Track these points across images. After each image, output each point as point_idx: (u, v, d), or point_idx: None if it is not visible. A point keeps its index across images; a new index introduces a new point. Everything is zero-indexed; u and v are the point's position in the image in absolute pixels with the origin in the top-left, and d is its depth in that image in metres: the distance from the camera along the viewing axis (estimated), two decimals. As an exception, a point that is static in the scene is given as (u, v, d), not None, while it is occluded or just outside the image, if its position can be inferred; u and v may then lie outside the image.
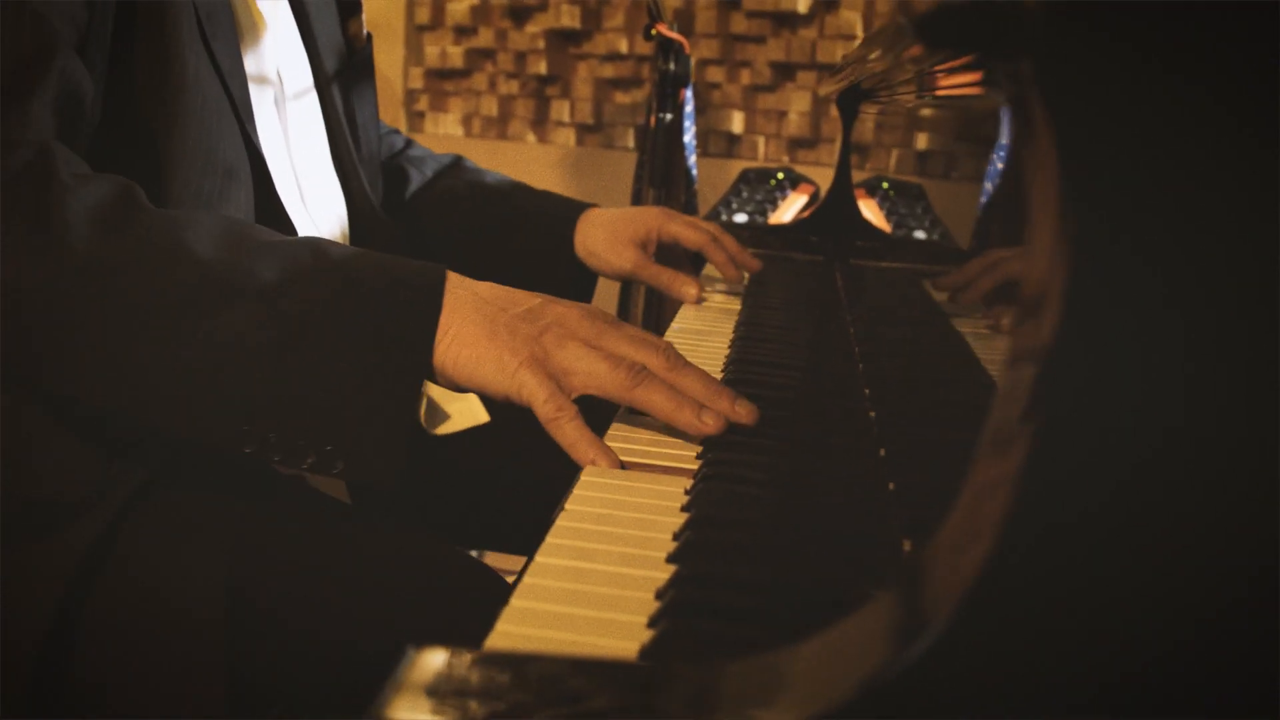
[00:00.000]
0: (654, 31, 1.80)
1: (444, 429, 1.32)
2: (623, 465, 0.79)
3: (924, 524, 0.66)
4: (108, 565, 0.88)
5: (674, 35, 1.80)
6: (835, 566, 0.62)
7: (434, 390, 1.32)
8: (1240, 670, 0.38)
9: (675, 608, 0.55)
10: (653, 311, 1.91)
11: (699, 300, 1.36)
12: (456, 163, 1.53)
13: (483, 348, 0.82)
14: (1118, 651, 0.39)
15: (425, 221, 1.46)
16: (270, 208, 1.07)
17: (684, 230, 1.35)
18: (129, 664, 0.87)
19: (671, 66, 1.84)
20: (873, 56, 1.07)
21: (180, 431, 0.85)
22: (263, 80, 1.13)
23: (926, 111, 1.27)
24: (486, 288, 0.87)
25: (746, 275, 1.49)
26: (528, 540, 0.66)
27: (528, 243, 1.41)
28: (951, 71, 0.80)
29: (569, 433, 0.80)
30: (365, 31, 1.36)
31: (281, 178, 1.12)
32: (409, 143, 1.55)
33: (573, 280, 1.40)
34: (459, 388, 0.85)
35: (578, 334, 0.84)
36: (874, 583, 0.59)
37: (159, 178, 0.97)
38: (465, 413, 1.33)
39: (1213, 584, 0.38)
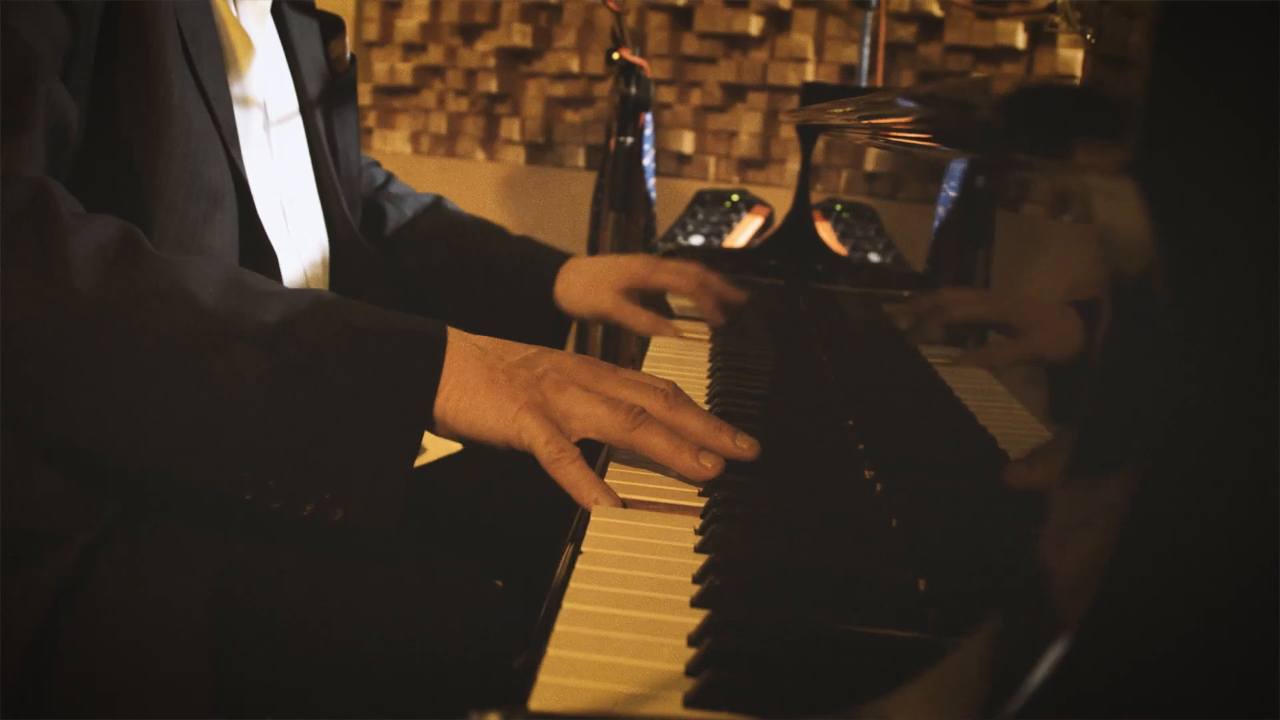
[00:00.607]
0: (616, 55, 1.80)
1: (419, 461, 1.32)
2: (624, 504, 0.79)
3: (930, 561, 0.68)
4: (89, 584, 0.87)
5: (636, 59, 1.81)
6: (858, 606, 0.63)
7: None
8: (1240, 670, 0.39)
9: (713, 656, 0.55)
10: (610, 342, 1.91)
11: (679, 335, 1.36)
12: (436, 203, 1.52)
13: (482, 395, 0.83)
14: (1118, 651, 0.39)
15: (403, 260, 1.44)
16: (253, 232, 1.06)
17: (672, 278, 1.36)
18: (113, 678, 0.86)
19: (633, 90, 1.85)
20: (874, 118, 1.08)
21: (178, 476, 0.84)
22: (248, 104, 1.12)
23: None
24: (484, 340, 0.87)
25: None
26: (511, 560, 0.66)
27: (506, 287, 1.41)
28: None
29: (571, 474, 0.80)
30: (349, 54, 1.36)
31: (265, 202, 1.11)
32: (390, 178, 1.54)
33: (548, 327, 1.40)
34: (459, 437, 0.85)
35: (576, 379, 0.85)
36: (899, 622, 0.60)
37: (143, 202, 0.96)
38: (437, 441, 1.32)
39: (1213, 584, 0.39)
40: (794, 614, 0.61)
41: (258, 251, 1.06)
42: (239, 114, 1.08)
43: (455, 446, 1.31)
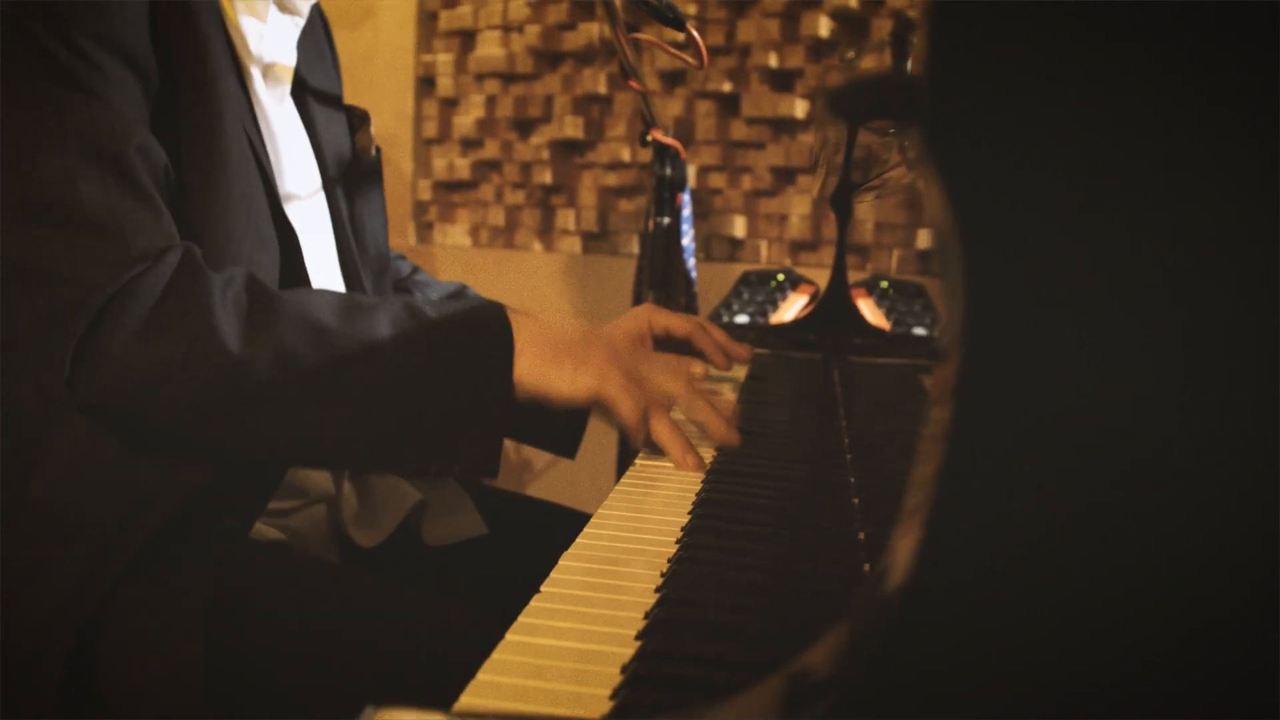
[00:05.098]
0: (649, 137, 1.84)
1: (444, 539, 1.34)
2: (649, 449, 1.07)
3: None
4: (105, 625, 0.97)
5: (669, 140, 1.84)
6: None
7: (435, 501, 1.33)
8: (1240, 670, 0.39)
9: (637, 680, 0.56)
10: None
11: (705, 375, 1.37)
12: (460, 291, 1.58)
13: (550, 365, 1.03)
14: (1117, 652, 0.39)
15: None
16: (296, 272, 1.15)
17: (672, 320, 1.38)
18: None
19: (668, 171, 1.87)
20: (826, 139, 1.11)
21: (331, 465, 1.14)
22: (280, 182, 1.18)
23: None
24: (546, 320, 1.08)
25: (743, 371, 1.50)
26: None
27: None
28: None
29: (625, 403, 1.02)
30: (374, 146, 1.41)
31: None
32: (415, 269, 1.60)
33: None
34: (534, 397, 1.04)
35: (618, 360, 1.05)
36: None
37: (198, 232, 1.05)
38: (464, 524, 1.34)
39: (1213, 584, 0.39)
40: (725, 652, 0.62)
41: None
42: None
43: (482, 529, 1.34)
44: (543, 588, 0.71)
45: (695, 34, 1.38)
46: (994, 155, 0.38)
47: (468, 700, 0.55)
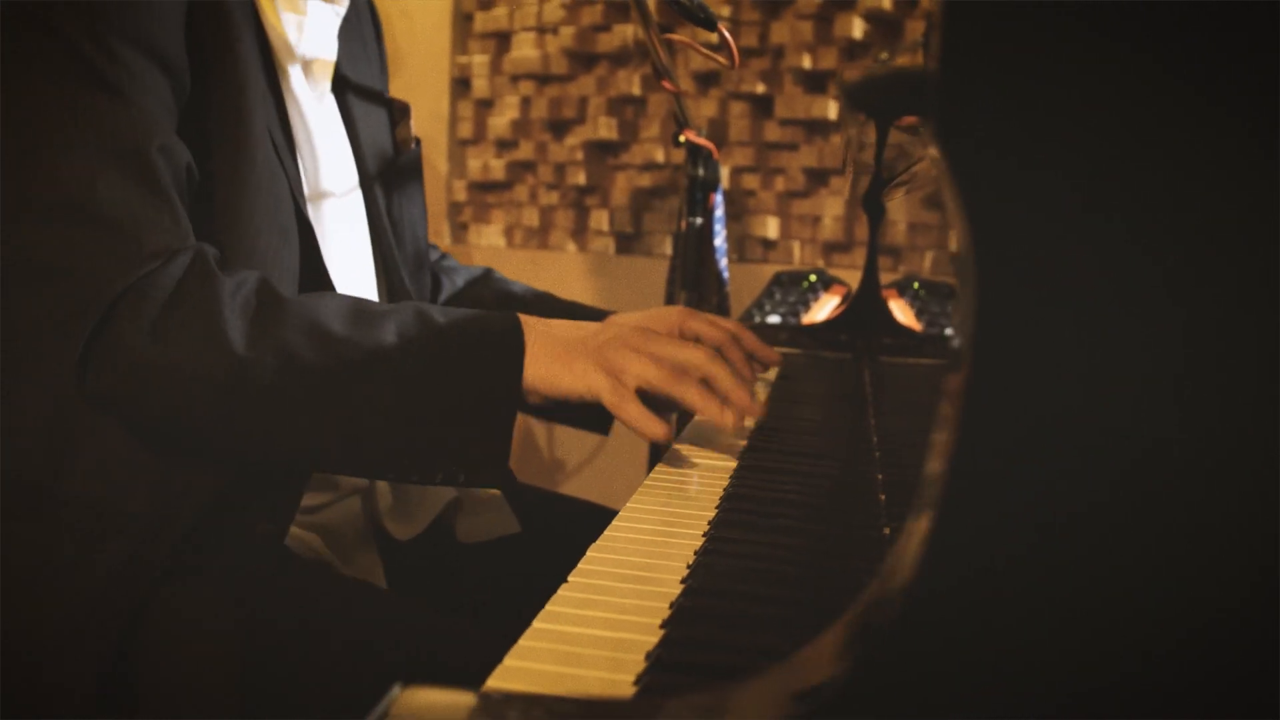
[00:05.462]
0: (682, 138, 1.84)
1: (477, 537, 1.35)
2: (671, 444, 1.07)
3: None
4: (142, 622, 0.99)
5: (701, 141, 1.85)
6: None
7: (468, 500, 1.35)
8: (1240, 670, 0.39)
9: (661, 664, 0.57)
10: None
11: None
12: (487, 274, 1.59)
13: (559, 365, 1.03)
14: (1117, 652, 0.40)
15: None
16: (317, 278, 1.16)
17: (704, 328, 1.38)
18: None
19: (700, 172, 1.88)
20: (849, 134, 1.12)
21: (335, 470, 1.12)
22: (311, 178, 1.20)
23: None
24: (554, 322, 1.08)
25: (773, 370, 1.51)
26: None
27: None
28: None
29: (631, 412, 1.01)
30: (415, 138, 1.42)
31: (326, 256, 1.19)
32: (444, 255, 1.61)
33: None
34: (545, 399, 1.04)
35: (630, 343, 1.04)
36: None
37: (220, 228, 1.07)
38: (497, 522, 1.35)
39: (1213, 585, 0.39)
40: (749, 641, 0.63)
41: (321, 286, 1.15)
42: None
43: (514, 527, 1.35)
44: (570, 578, 0.72)
45: (727, 34, 1.39)
46: (998, 156, 0.39)
47: (494, 684, 0.56)
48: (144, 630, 0.97)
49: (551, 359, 1.03)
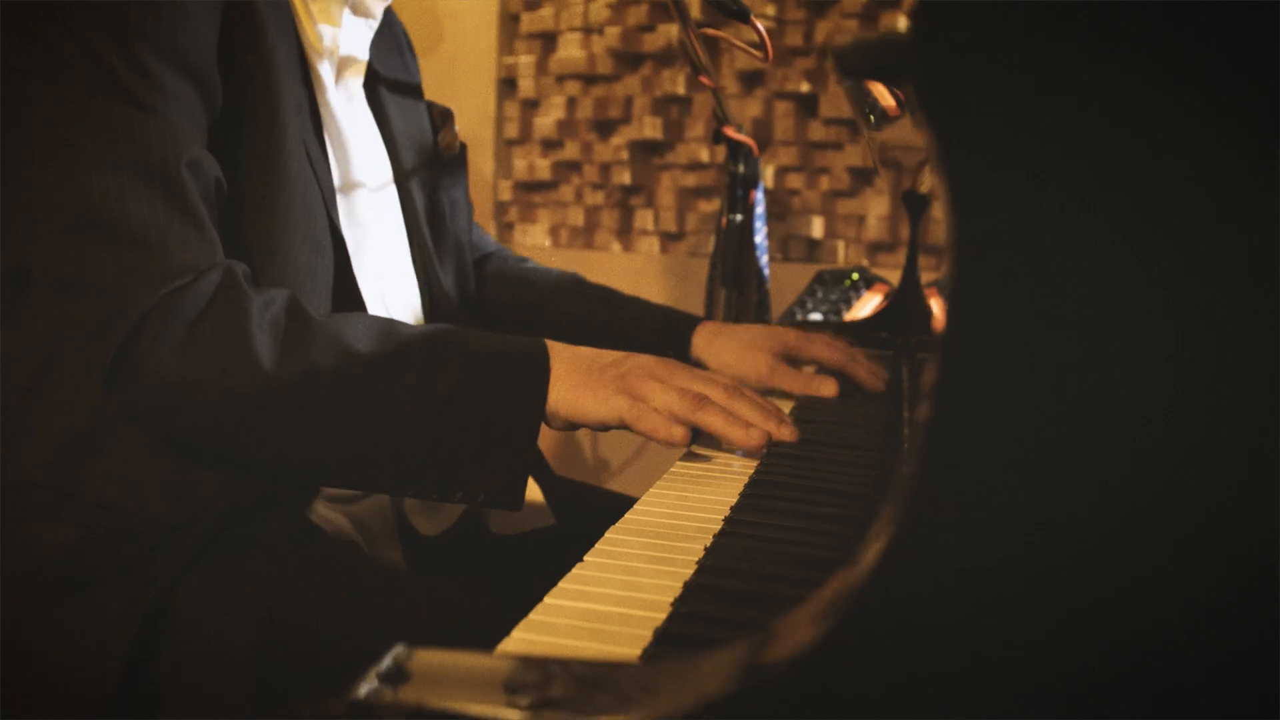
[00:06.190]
0: (723, 134, 1.85)
1: (511, 528, 1.36)
2: (690, 446, 1.03)
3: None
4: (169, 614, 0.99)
5: (741, 138, 1.85)
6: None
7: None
8: (1240, 670, 0.39)
9: (665, 639, 0.57)
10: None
11: (839, 394, 1.37)
12: (577, 277, 1.61)
13: (583, 391, 1.03)
14: (1118, 652, 0.40)
15: (535, 312, 1.53)
16: (349, 286, 1.16)
17: (824, 350, 1.40)
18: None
19: (741, 168, 1.88)
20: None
21: (357, 486, 1.13)
22: (346, 174, 1.21)
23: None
24: (582, 350, 1.07)
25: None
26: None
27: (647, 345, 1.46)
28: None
29: (648, 420, 1.00)
30: (459, 143, 1.43)
31: (359, 263, 1.19)
32: (500, 250, 1.62)
33: None
34: (569, 424, 1.04)
35: (654, 374, 1.04)
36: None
37: (254, 245, 1.09)
38: (532, 514, 1.36)
39: (1213, 584, 0.39)
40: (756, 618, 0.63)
41: (353, 302, 1.15)
42: (336, 180, 1.17)
43: (549, 519, 1.36)
44: (586, 557, 0.73)
45: (760, 28, 1.39)
46: (987, 155, 0.39)
47: (504, 649, 0.56)
48: (165, 625, 0.98)
49: (576, 385, 1.03)
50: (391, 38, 1.38)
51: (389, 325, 1.06)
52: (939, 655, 0.41)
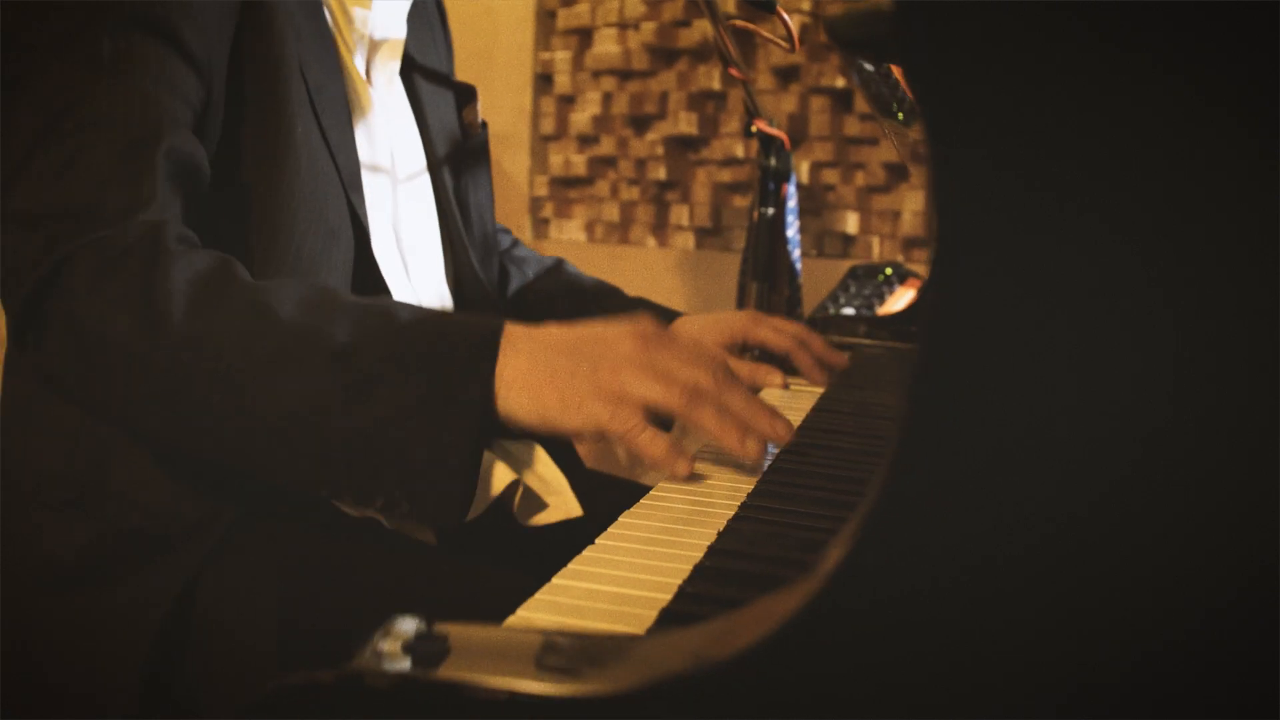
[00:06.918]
0: (754, 128, 1.84)
1: (537, 520, 1.36)
2: (694, 476, 0.90)
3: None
4: (194, 601, 0.98)
5: (773, 131, 1.84)
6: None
7: (529, 481, 1.36)
8: (1240, 670, 0.39)
9: (670, 616, 0.57)
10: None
11: (785, 386, 1.37)
12: (558, 265, 1.59)
13: (545, 390, 0.88)
14: (1118, 652, 0.40)
15: (526, 318, 1.51)
16: (369, 275, 1.14)
17: (770, 335, 1.37)
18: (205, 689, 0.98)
19: (773, 162, 1.88)
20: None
21: (262, 475, 0.95)
22: (375, 157, 1.21)
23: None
24: (544, 334, 0.92)
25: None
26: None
27: None
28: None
29: (644, 443, 0.87)
30: (480, 120, 1.43)
31: (385, 250, 1.19)
32: (515, 242, 1.62)
33: None
34: (530, 431, 0.91)
35: (632, 360, 0.89)
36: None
37: (262, 235, 1.06)
38: (559, 506, 1.36)
39: (1212, 584, 0.39)
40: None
41: (373, 291, 1.15)
42: (365, 167, 1.17)
43: (577, 511, 1.36)
44: (598, 540, 0.73)
45: (787, 18, 1.39)
46: (984, 152, 0.39)
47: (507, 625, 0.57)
48: (188, 621, 0.98)
49: (537, 384, 0.88)
50: (424, 17, 1.39)
51: (325, 294, 0.95)
52: (957, 661, 0.41)
